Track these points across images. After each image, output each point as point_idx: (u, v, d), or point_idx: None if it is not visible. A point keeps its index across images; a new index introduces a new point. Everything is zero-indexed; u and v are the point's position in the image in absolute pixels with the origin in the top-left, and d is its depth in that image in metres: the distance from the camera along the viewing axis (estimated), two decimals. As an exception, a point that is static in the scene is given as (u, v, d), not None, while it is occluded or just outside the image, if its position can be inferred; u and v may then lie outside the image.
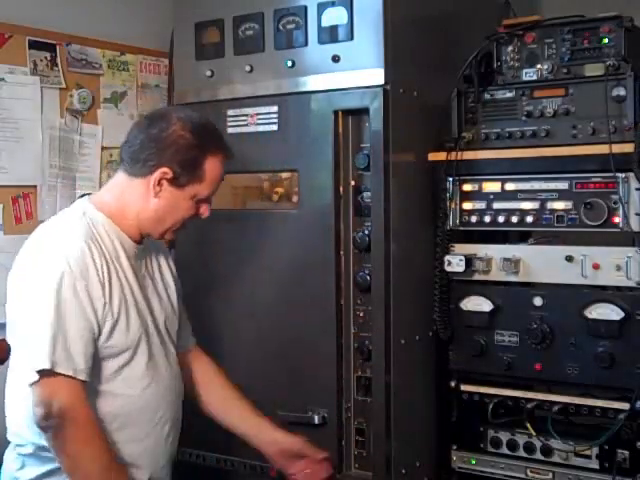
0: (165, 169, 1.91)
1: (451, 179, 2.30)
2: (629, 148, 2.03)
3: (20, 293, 1.88)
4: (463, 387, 2.32)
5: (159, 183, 1.92)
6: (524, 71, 2.24)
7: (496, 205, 2.26)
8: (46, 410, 1.80)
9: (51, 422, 1.80)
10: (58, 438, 1.82)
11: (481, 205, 2.28)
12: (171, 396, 2.05)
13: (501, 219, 2.25)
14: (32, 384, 1.81)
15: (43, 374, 1.79)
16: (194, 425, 2.25)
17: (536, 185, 2.20)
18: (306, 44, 2.36)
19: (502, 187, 2.25)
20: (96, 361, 1.88)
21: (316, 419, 2.36)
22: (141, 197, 1.95)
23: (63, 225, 1.94)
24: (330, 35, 2.31)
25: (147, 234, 2.02)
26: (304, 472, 2.19)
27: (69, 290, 1.82)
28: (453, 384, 2.34)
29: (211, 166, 1.95)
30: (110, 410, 1.92)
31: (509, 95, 2.25)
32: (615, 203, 2.07)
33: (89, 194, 2.09)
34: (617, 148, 2.05)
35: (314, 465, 2.20)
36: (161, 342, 2.04)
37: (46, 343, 1.79)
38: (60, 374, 1.80)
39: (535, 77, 2.22)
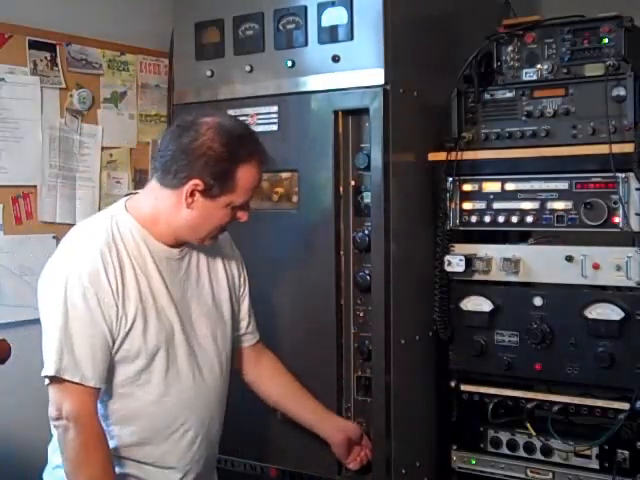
0: (196, 181, 1.86)
1: (451, 179, 2.30)
2: (629, 148, 2.03)
3: (40, 296, 1.90)
4: (463, 387, 2.32)
5: (191, 194, 1.88)
6: (524, 71, 2.24)
7: (496, 205, 2.26)
8: (57, 412, 1.84)
9: (60, 423, 1.84)
10: (63, 440, 1.86)
11: (481, 205, 2.28)
12: (198, 405, 2.00)
13: (501, 219, 2.25)
14: (47, 385, 1.85)
15: (53, 379, 1.82)
16: None
17: (536, 185, 2.20)
18: (306, 44, 2.36)
19: (502, 187, 2.25)
20: (112, 365, 1.89)
21: (316, 419, 2.36)
22: (174, 207, 1.91)
23: (87, 229, 1.93)
24: (330, 35, 2.31)
25: (184, 241, 1.98)
26: (359, 459, 2.30)
27: (79, 297, 1.82)
28: (453, 384, 2.34)
29: (244, 175, 1.89)
30: (125, 413, 1.92)
31: (509, 95, 2.25)
32: (615, 203, 2.07)
33: (134, 193, 2.05)
34: (617, 148, 2.05)
35: (365, 451, 2.31)
36: (189, 349, 1.98)
37: (53, 350, 1.81)
38: (67, 380, 1.82)
39: (535, 77, 2.22)
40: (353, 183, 2.35)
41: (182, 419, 1.98)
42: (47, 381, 1.84)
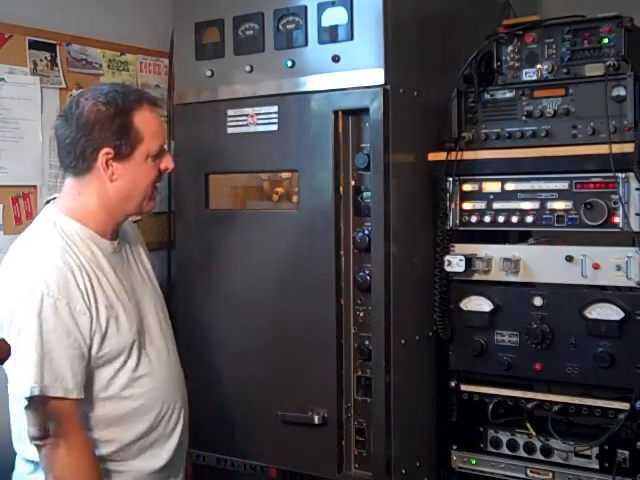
0: (104, 150, 1.86)
1: (451, 179, 2.30)
2: (629, 148, 2.03)
3: (4, 317, 1.83)
4: (463, 387, 2.33)
5: (107, 165, 1.88)
6: (524, 71, 2.24)
7: (496, 205, 2.26)
8: (41, 431, 1.81)
9: (47, 442, 1.81)
10: (49, 457, 1.82)
11: (481, 205, 2.28)
12: (175, 384, 2.05)
13: (501, 219, 2.25)
14: (26, 406, 1.80)
15: (32, 399, 1.79)
16: (194, 425, 2.25)
17: (536, 185, 2.20)
18: (306, 44, 2.36)
19: (502, 187, 2.26)
20: (91, 371, 1.88)
21: (316, 419, 2.35)
22: (99, 189, 1.91)
23: (37, 242, 1.89)
24: (330, 35, 2.31)
25: (124, 217, 1.99)
26: None
27: (50, 310, 1.79)
28: (453, 384, 2.34)
29: (142, 120, 1.90)
30: (114, 414, 1.92)
31: (509, 95, 2.25)
32: (615, 203, 2.07)
33: (54, 198, 2.03)
34: (617, 148, 2.05)
35: None
36: (160, 330, 2.05)
37: (33, 369, 1.78)
38: (51, 397, 1.79)
39: (535, 77, 2.22)
40: (353, 183, 2.35)
41: (168, 402, 2.01)
42: (25, 402, 1.79)
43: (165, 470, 2.03)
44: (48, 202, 2.02)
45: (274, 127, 2.44)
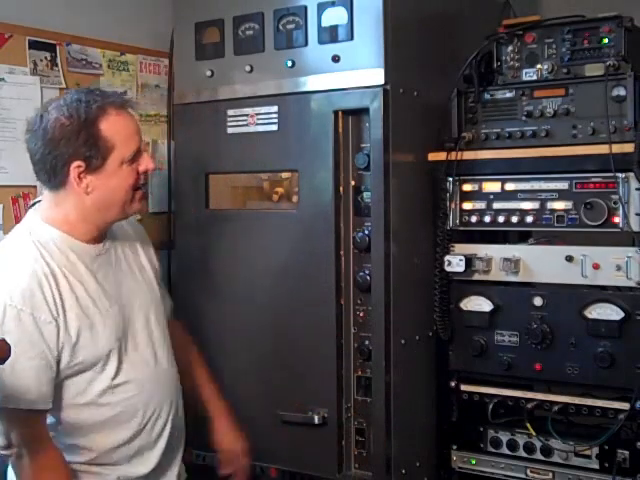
0: (74, 164, 1.80)
1: (451, 179, 2.30)
2: (629, 148, 2.03)
3: None
4: (463, 387, 2.33)
5: (80, 178, 1.81)
6: (524, 71, 2.24)
7: (496, 205, 2.26)
8: (6, 440, 1.80)
9: (11, 451, 1.81)
10: (16, 467, 1.83)
11: (481, 205, 2.28)
12: (161, 391, 2.01)
13: (501, 219, 2.25)
14: None
15: (2, 410, 1.77)
16: (194, 426, 2.25)
17: (536, 185, 2.20)
18: (306, 44, 2.36)
19: (502, 187, 2.26)
20: (66, 378, 1.85)
21: (316, 419, 2.35)
22: (76, 202, 1.85)
23: (8, 253, 1.86)
24: (330, 35, 2.31)
25: (108, 224, 1.93)
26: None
27: (12, 322, 1.76)
28: (453, 384, 2.34)
29: (109, 127, 1.81)
30: (93, 421, 1.90)
31: (509, 95, 2.25)
32: (615, 203, 2.07)
33: (38, 202, 1.99)
34: (617, 148, 2.05)
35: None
36: (148, 336, 2.00)
37: None
38: (12, 408, 1.77)
39: (535, 77, 2.22)
40: (353, 183, 2.35)
41: (152, 409, 1.97)
42: None
43: (153, 474, 2.01)
44: (33, 204, 1.99)
45: (274, 127, 2.44)
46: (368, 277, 2.30)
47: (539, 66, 2.21)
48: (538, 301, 2.19)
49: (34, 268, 1.81)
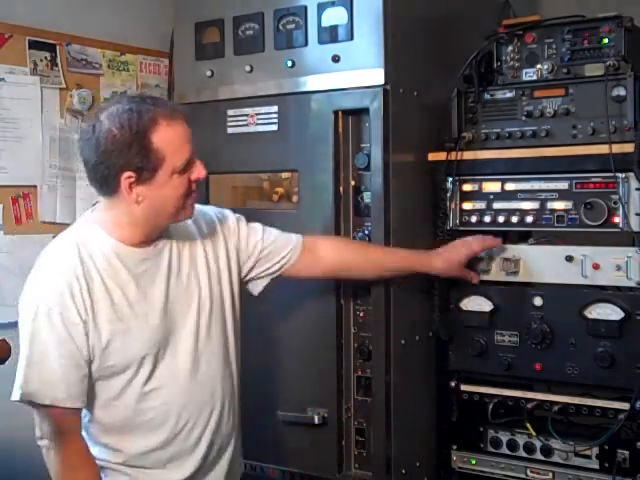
0: (125, 174, 1.78)
1: (451, 179, 2.30)
2: (629, 148, 2.03)
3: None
4: (463, 387, 2.32)
5: (130, 189, 1.80)
6: (524, 71, 2.24)
7: (496, 205, 2.26)
8: (39, 432, 1.86)
9: (42, 443, 1.86)
10: (46, 458, 1.87)
11: (481, 205, 2.28)
12: (197, 400, 1.96)
13: (501, 219, 2.25)
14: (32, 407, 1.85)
15: (30, 403, 1.82)
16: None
17: (536, 185, 2.20)
18: (306, 44, 2.36)
19: (502, 187, 2.26)
20: (101, 380, 1.87)
21: (316, 419, 2.35)
22: (127, 210, 1.85)
23: (51, 251, 1.89)
24: (330, 35, 2.31)
25: (159, 230, 1.91)
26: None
27: (43, 319, 1.79)
28: (453, 384, 2.34)
29: (161, 139, 1.79)
30: (125, 424, 1.91)
31: (509, 95, 2.25)
32: (615, 203, 2.07)
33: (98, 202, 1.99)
34: (617, 148, 2.05)
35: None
36: (195, 343, 1.95)
37: (21, 374, 1.81)
38: (41, 404, 1.81)
39: (535, 77, 2.22)
40: (353, 183, 2.35)
41: (187, 417, 1.94)
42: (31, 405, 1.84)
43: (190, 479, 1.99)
44: (94, 205, 2.00)
45: (274, 127, 2.44)
46: (368, 277, 2.30)
47: (539, 66, 2.21)
48: (538, 301, 2.19)
49: (68, 268, 1.83)
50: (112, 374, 1.87)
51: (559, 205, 2.16)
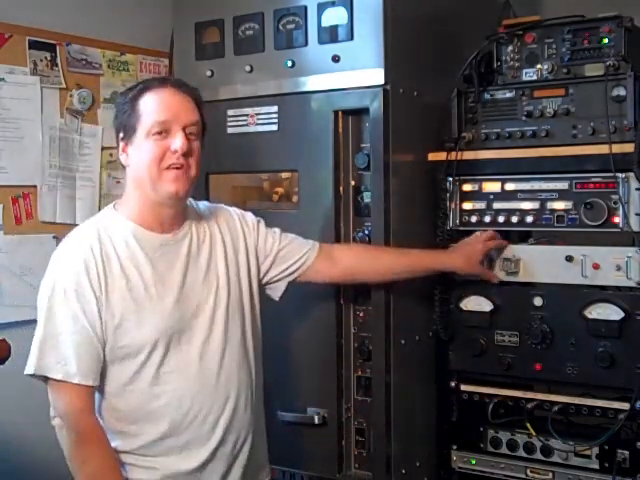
0: (120, 135, 1.94)
1: (451, 179, 2.30)
2: (629, 148, 2.03)
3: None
4: (463, 387, 2.33)
5: (123, 150, 1.94)
6: (524, 71, 2.24)
7: (496, 205, 2.26)
8: (53, 410, 1.88)
9: (55, 422, 1.87)
10: (60, 438, 1.87)
11: (481, 205, 2.28)
12: (210, 389, 1.96)
13: (501, 219, 2.25)
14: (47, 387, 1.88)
15: (47, 379, 1.85)
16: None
17: (536, 185, 2.20)
18: (306, 44, 2.36)
19: (502, 187, 2.26)
20: (115, 363, 1.89)
21: (316, 419, 2.36)
22: (127, 179, 1.98)
23: (73, 233, 1.96)
24: (330, 35, 2.31)
25: (158, 205, 1.93)
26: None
27: (60, 296, 1.85)
28: (453, 384, 2.34)
29: (145, 102, 1.91)
30: (139, 411, 1.91)
31: (509, 95, 2.25)
32: (615, 203, 2.07)
33: None
34: (617, 148, 2.05)
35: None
36: (211, 332, 1.96)
37: (36, 349, 1.85)
38: (52, 379, 1.83)
39: (535, 77, 2.22)
40: (353, 183, 2.35)
41: (200, 404, 1.94)
42: (45, 384, 1.87)
43: (203, 468, 1.98)
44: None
45: (274, 127, 2.44)
46: (368, 277, 2.30)
47: (539, 66, 2.21)
48: (538, 301, 2.19)
49: (86, 248, 1.89)
50: (125, 356, 1.88)
51: (559, 205, 2.16)
